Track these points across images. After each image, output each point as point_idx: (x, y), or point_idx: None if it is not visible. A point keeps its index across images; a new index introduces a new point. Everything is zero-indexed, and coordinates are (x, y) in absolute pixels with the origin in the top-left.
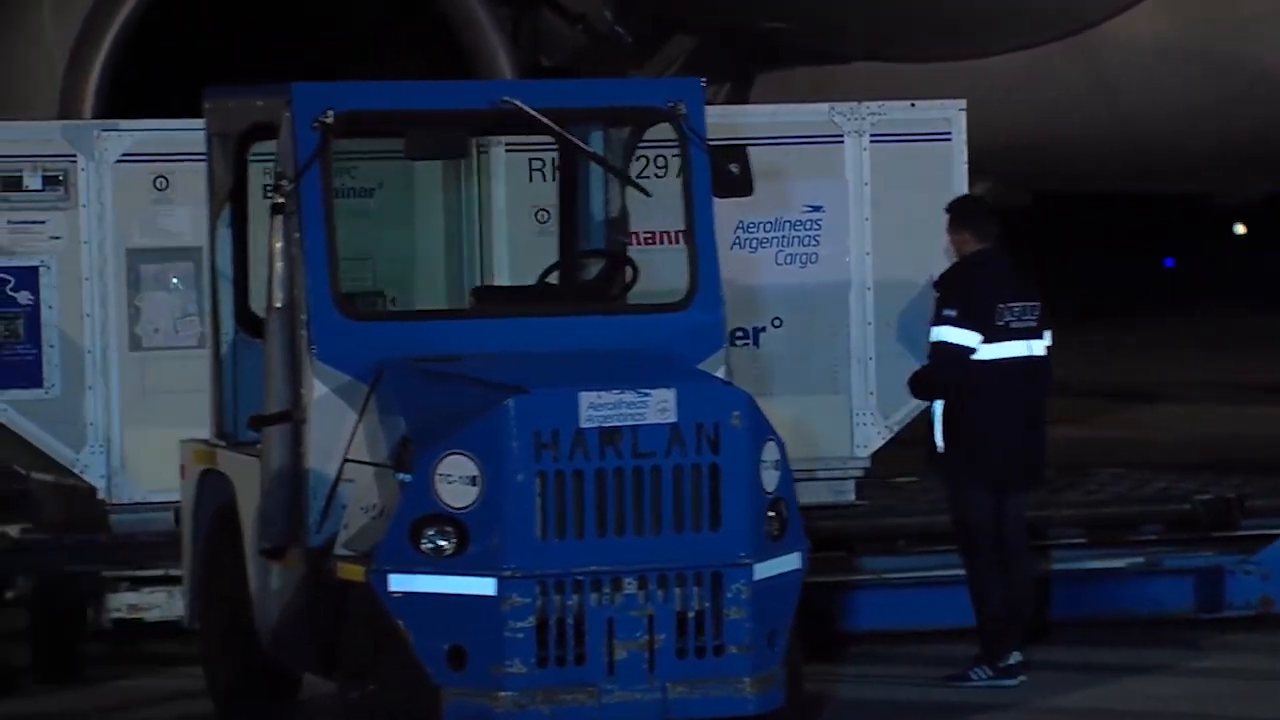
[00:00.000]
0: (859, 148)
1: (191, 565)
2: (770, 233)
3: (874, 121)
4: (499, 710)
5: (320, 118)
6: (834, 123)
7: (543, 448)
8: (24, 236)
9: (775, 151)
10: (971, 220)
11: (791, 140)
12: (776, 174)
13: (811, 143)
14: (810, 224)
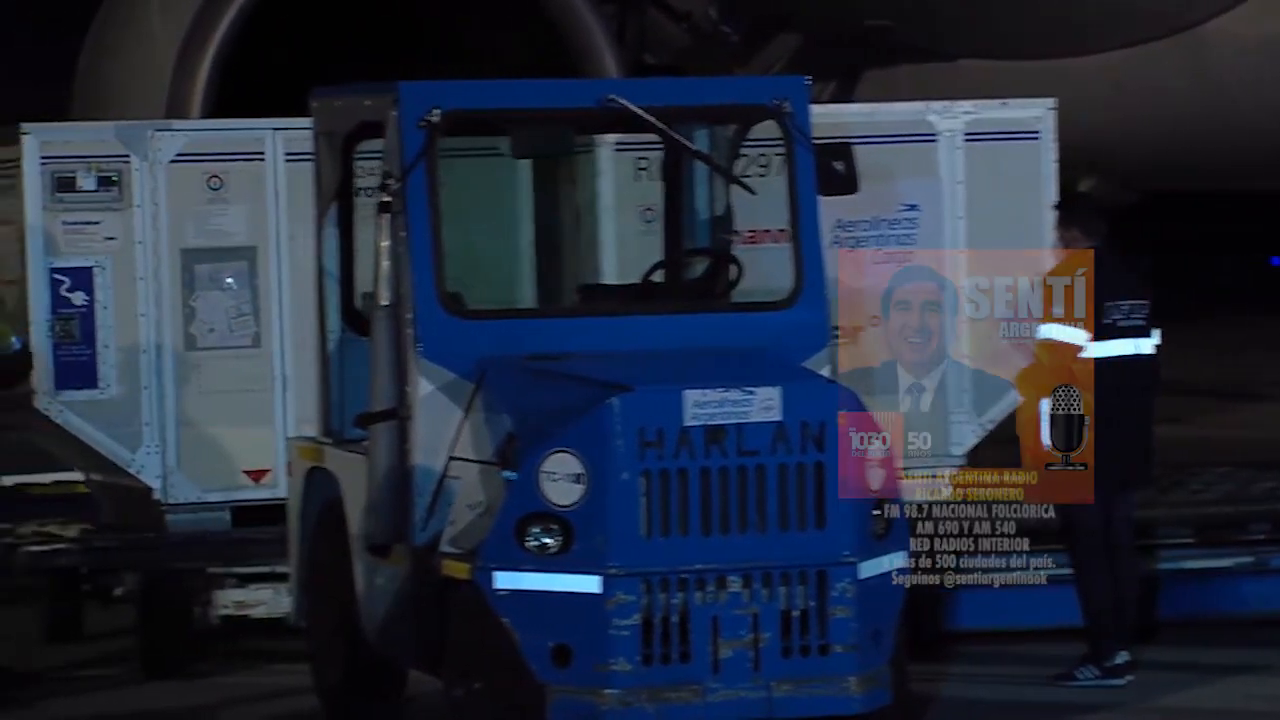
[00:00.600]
0: (953, 147)
1: (298, 562)
2: (868, 231)
3: (967, 120)
4: (604, 708)
5: (427, 116)
6: (929, 122)
7: (647, 446)
8: (79, 237)
9: (872, 150)
10: (1080, 218)
11: (888, 139)
12: (874, 173)
13: (907, 142)
14: (906, 223)
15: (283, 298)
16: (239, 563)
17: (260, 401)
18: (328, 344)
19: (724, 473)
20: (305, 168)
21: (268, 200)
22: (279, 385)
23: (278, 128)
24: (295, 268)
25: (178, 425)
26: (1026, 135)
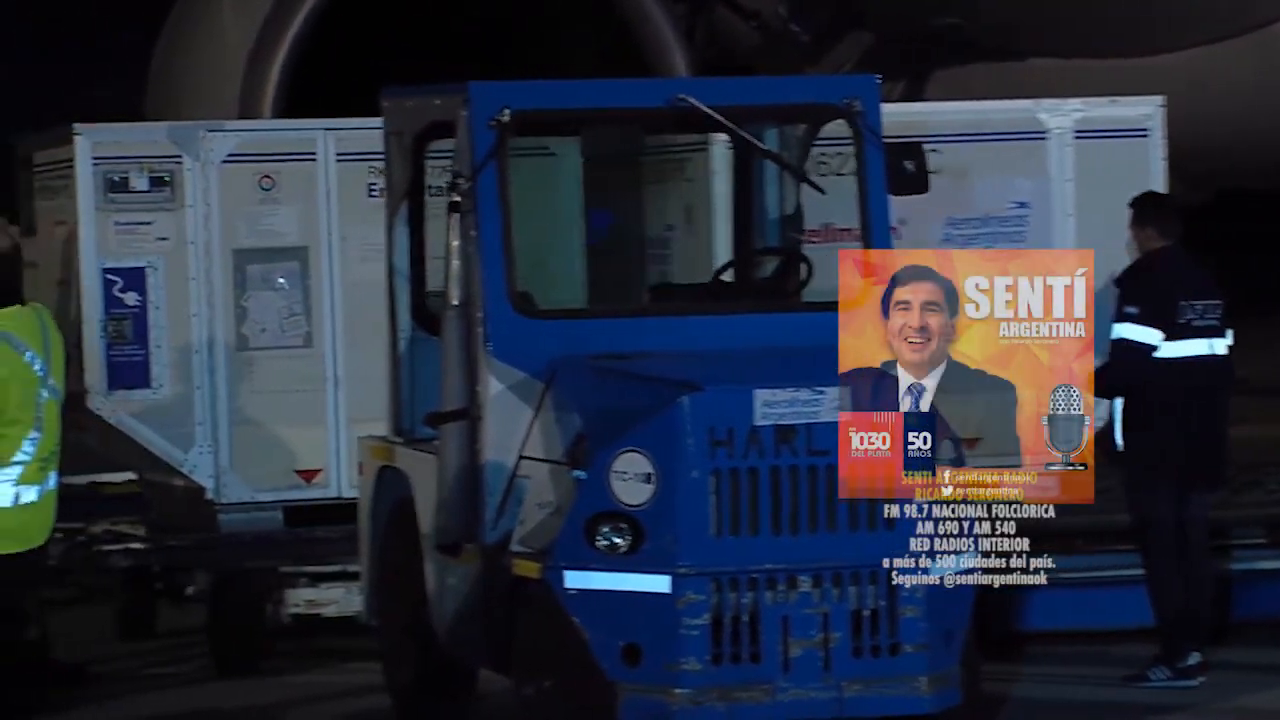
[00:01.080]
0: (1062, 144)
1: (369, 561)
2: (978, 229)
3: (1077, 118)
4: (675, 707)
5: (497, 116)
6: (1039, 119)
7: (717, 445)
8: (131, 238)
9: (983, 148)
10: (1156, 217)
11: (997, 136)
12: (984, 170)
13: (1017, 139)
14: (1016, 220)
15: (334, 298)
16: (310, 562)
17: (312, 401)
18: (398, 343)
19: (794, 472)
20: (357, 168)
21: (319, 200)
22: (331, 385)
23: (329, 128)
24: (347, 268)
25: (230, 425)
26: (1136, 132)
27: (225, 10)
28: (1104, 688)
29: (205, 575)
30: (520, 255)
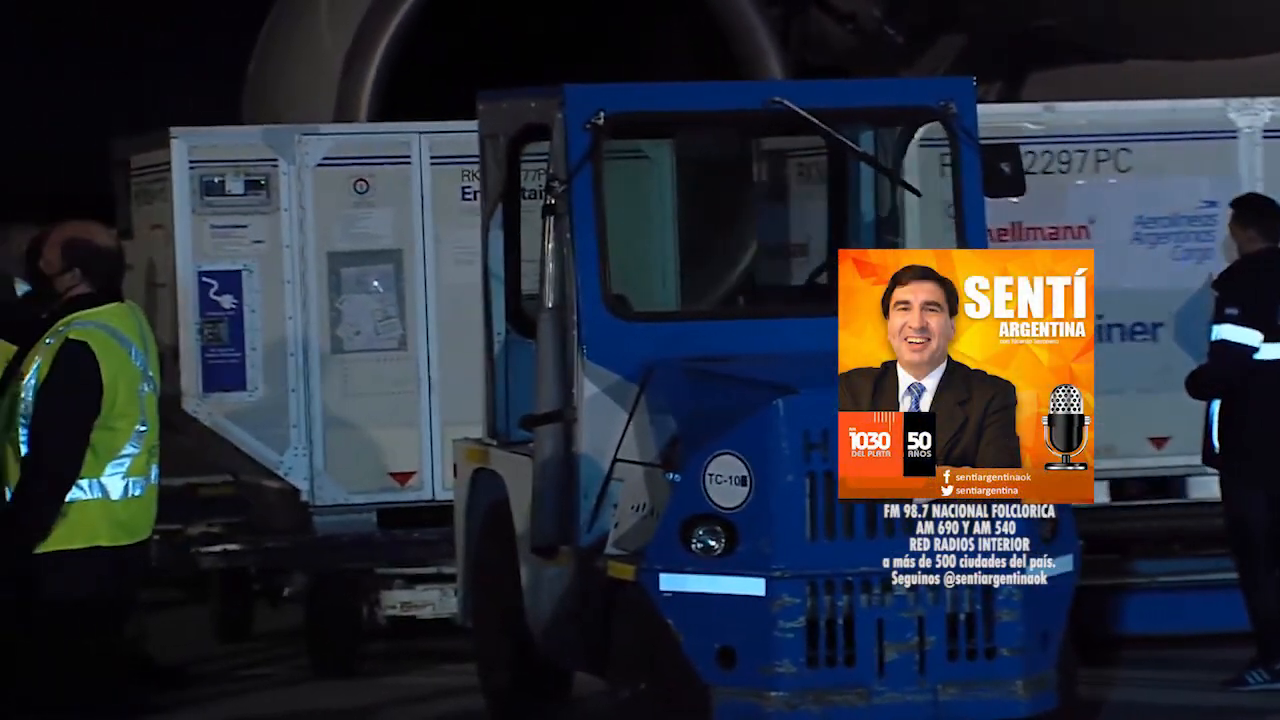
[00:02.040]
0: (1252, 144)
1: (464, 563)
2: (1168, 228)
3: (1268, 118)
4: (769, 710)
5: (592, 119)
6: (1229, 119)
7: (811, 448)
8: (226, 241)
9: (1172, 147)
10: (1259, 218)
11: (1188, 135)
12: (1171, 170)
13: (1207, 138)
14: (1205, 219)
15: (429, 301)
16: (406, 564)
17: (406, 404)
18: (493, 346)
19: None
20: (451, 171)
21: (413, 203)
22: (425, 387)
23: (424, 131)
24: (441, 271)
25: (324, 428)
26: None
27: (321, 15)
28: (1202, 691)
29: (302, 577)
30: (614, 258)
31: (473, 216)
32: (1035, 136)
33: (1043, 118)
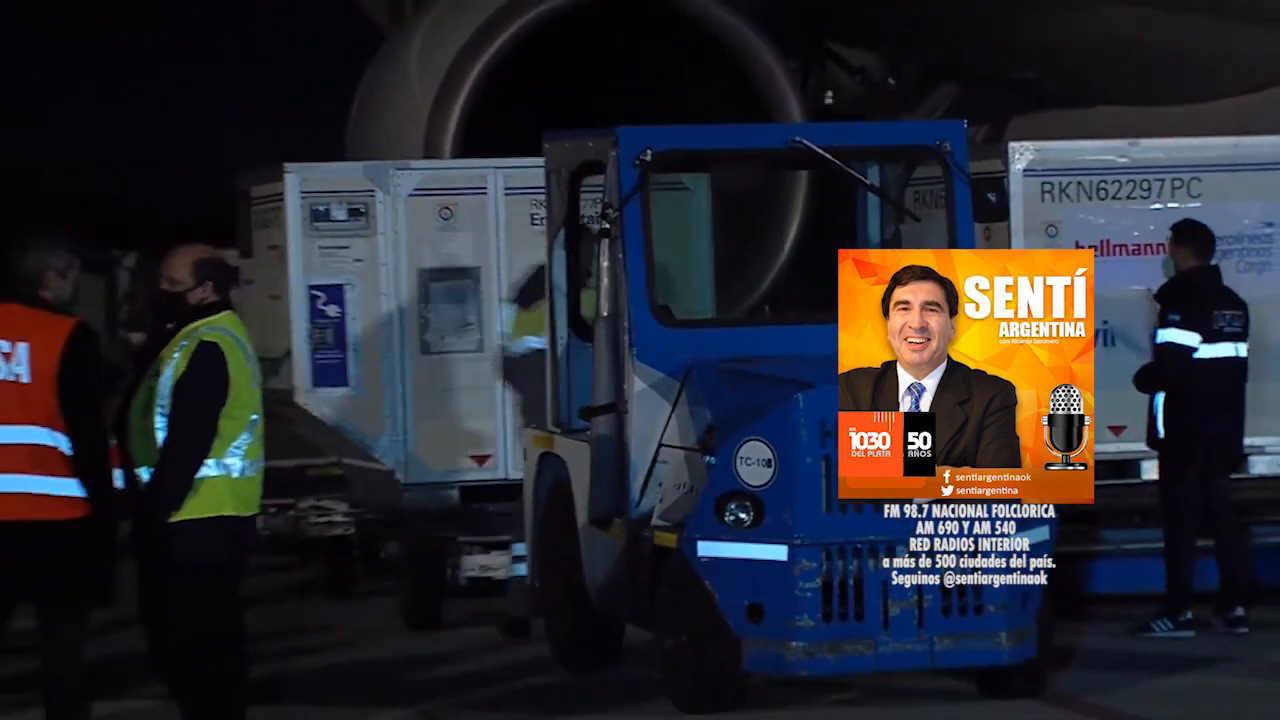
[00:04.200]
0: None
1: (532, 533)
2: (1232, 245)
3: None
4: (791, 658)
5: (641, 156)
6: None
7: (826, 435)
8: (332, 259)
9: (1238, 176)
10: (1194, 240)
11: (1248, 167)
12: (1236, 196)
13: (1266, 169)
14: (1265, 238)
15: (502, 310)
16: (483, 533)
17: (483, 397)
18: (557, 348)
19: None
20: (522, 200)
21: (489, 228)
22: (499, 385)
23: (498, 166)
24: (513, 284)
25: (414, 417)
26: None
27: (412, 66)
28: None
29: (395, 544)
30: (659, 274)
31: (540, 239)
32: (1120, 168)
33: (1127, 151)
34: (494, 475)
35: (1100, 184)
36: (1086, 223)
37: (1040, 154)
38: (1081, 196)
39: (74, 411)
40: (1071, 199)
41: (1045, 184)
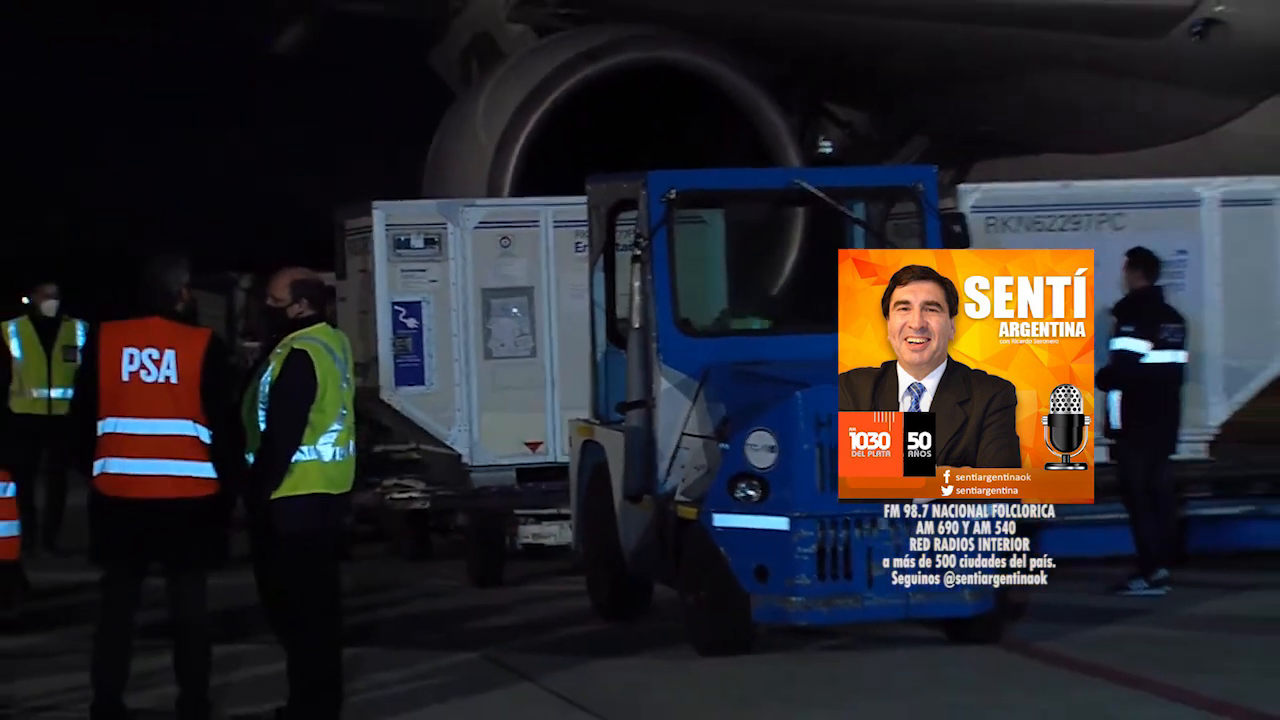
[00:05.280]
0: (1212, 209)
1: (576, 507)
2: None
3: (1223, 191)
4: (791, 611)
5: (666, 194)
6: (1194, 192)
7: (820, 426)
8: (411, 280)
9: (1152, 212)
10: (1144, 264)
11: (1164, 204)
12: (1153, 228)
13: (1178, 205)
14: (1179, 263)
15: (552, 322)
16: (536, 507)
17: (536, 395)
18: (596, 354)
19: None
20: (568, 231)
21: (541, 255)
22: (549, 383)
23: (549, 204)
24: (561, 302)
25: (479, 411)
26: (1263, 201)
27: (478, 120)
28: (1099, 596)
29: (464, 516)
30: (682, 292)
31: (583, 264)
32: (1054, 204)
33: (1061, 192)
34: (545, 459)
35: (1036, 218)
36: None
37: (985, 193)
38: (1020, 229)
39: (214, 407)
40: (1012, 230)
41: (989, 218)
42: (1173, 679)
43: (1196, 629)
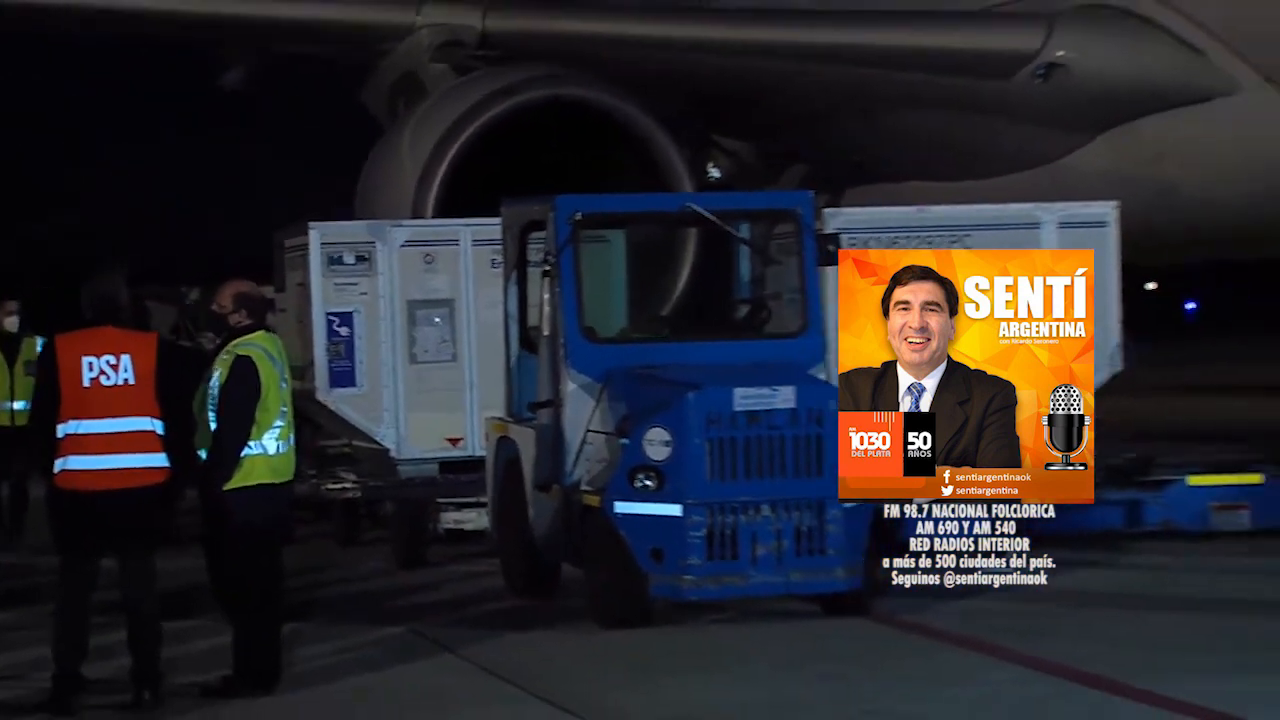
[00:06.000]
0: (1051, 230)
1: (492, 495)
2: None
3: (1060, 215)
4: (684, 588)
5: (573, 216)
6: (1035, 215)
7: (711, 423)
8: (344, 293)
9: (998, 234)
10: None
11: (1008, 227)
12: (1001, 248)
13: (1021, 228)
14: None
15: (471, 331)
16: (456, 495)
17: (457, 396)
18: (510, 359)
19: (759, 440)
20: (485, 249)
21: (461, 271)
22: (468, 385)
23: (467, 224)
24: (478, 313)
25: (406, 410)
26: (1098, 224)
27: (404, 150)
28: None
29: (391, 505)
30: (587, 303)
31: (498, 278)
32: (911, 227)
33: (916, 216)
34: (465, 453)
35: (894, 239)
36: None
37: (847, 217)
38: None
39: (168, 400)
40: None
41: (851, 239)
42: (1023, 647)
43: (1044, 603)
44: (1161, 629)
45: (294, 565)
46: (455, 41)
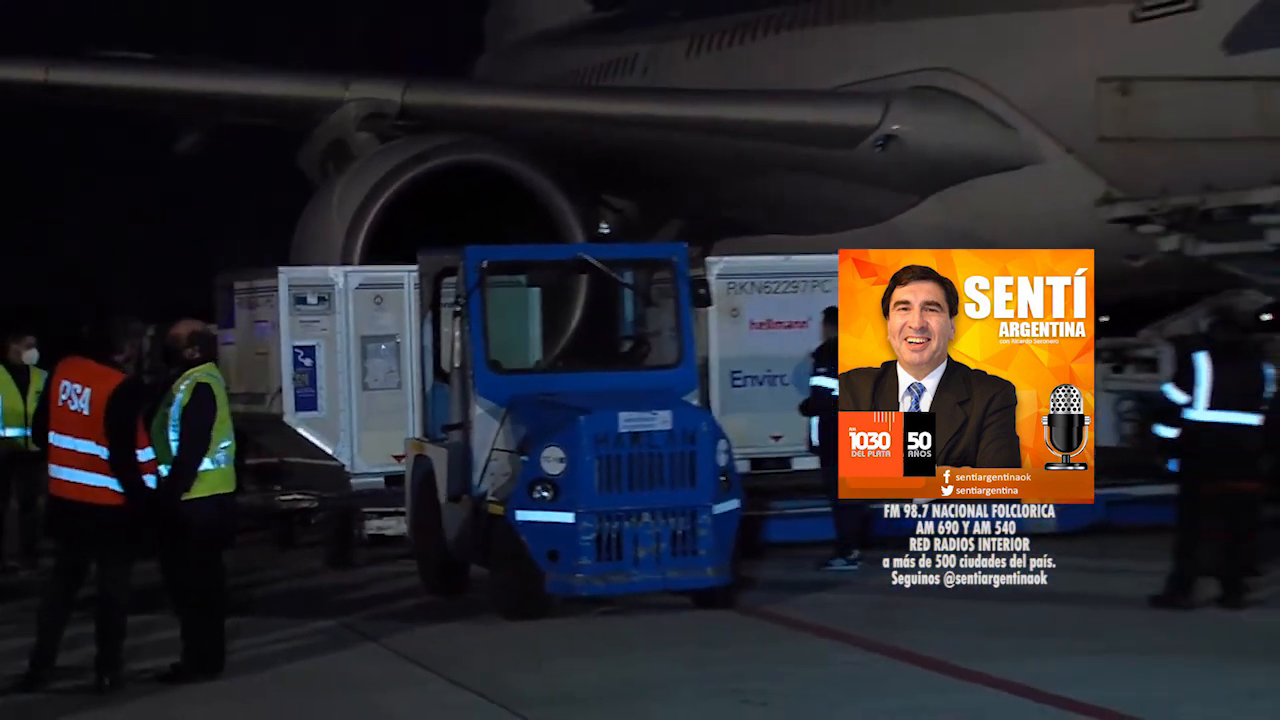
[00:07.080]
0: None
1: (410, 505)
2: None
3: None
4: (576, 585)
5: (480, 264)
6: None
7: (599, 442)
8: (308, 329)
9: (816, 280)
10: (829, 320)
11: (809, 275)
12: (799, 293)
13: (826, 276)
14: None
15: (413, 362)
16: (380, 505)
17: (401, 418)
18: (425, 387)
19: (641, 457)
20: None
21: (405, 310)
22: (411, 410)
23: (410, 271)
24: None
25: (359, 430)
26: None
27: (333, 208)
28: (809, 573)
29: (323, 513)
30: (493, 339)
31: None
32: (780, 273)
33: (784, 264)
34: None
35: (766, 283)
36: (758, 308)
37: (726, 264)
38: (754, 291)
39: (111, 435)
40: (748, 292)
41: (730, 283)
42: (868, 634)
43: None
44: (1001, 618)
45: (238, 566)
46: (378, 113)
